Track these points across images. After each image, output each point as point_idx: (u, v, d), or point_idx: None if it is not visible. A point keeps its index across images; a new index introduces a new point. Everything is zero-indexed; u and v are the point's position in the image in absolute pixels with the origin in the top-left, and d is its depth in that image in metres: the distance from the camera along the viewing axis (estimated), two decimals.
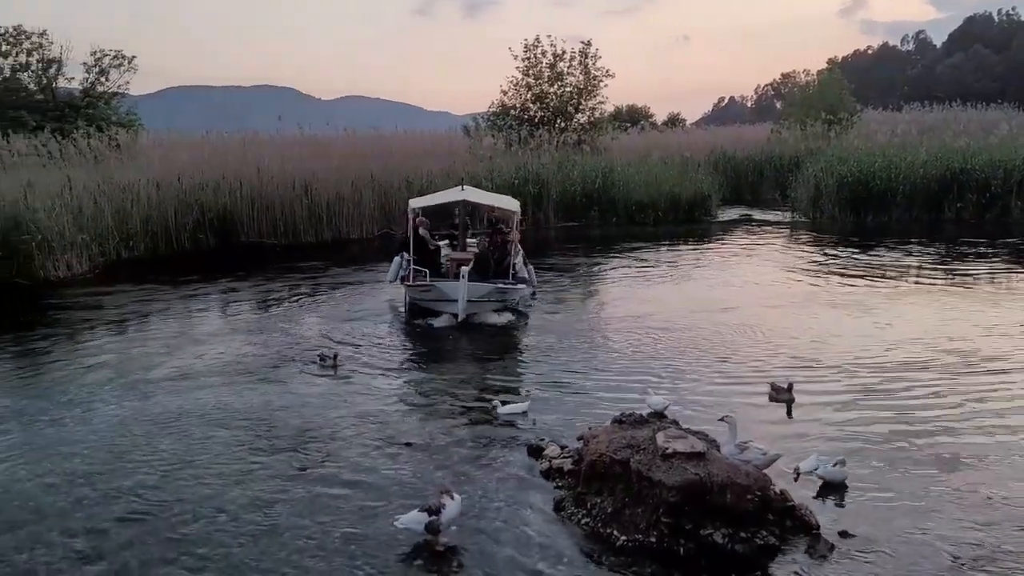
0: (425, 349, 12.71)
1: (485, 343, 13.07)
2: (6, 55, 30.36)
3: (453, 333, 13.50)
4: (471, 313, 13.86)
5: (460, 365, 11.78)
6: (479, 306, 14.12)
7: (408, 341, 13.17)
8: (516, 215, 15.04)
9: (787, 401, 9.58)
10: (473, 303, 13.88)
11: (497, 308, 14.44)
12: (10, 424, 9.34)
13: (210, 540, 6.55)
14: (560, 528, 6.78)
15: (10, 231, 18.16)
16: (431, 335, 13.45)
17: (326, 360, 11.47)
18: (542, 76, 34.05)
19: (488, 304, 14.30)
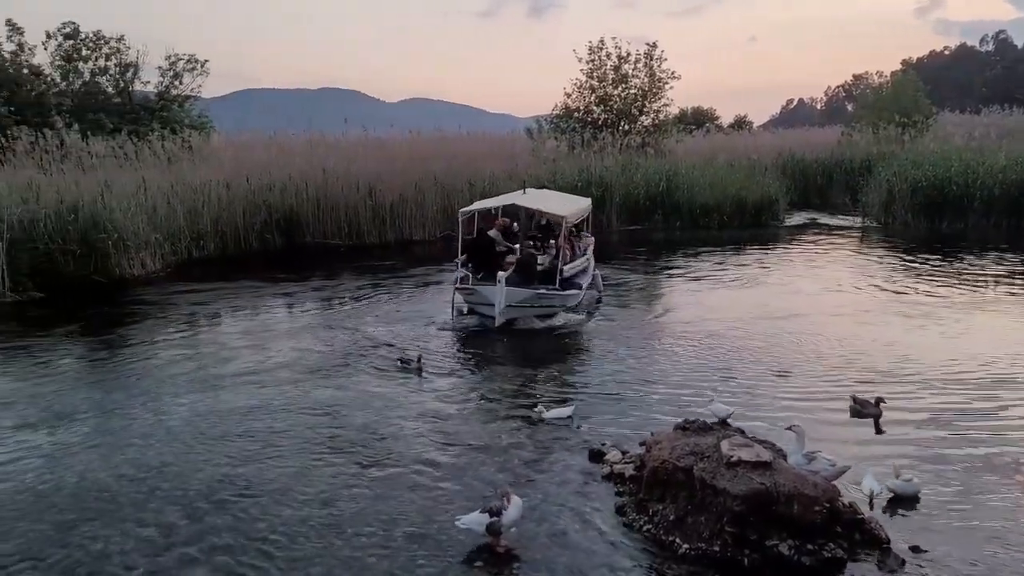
0: (485, 351, 12.71)
1: (546, 346, 13.03)
2: (86, 60, 31.34)
3: (513, 336, 13.50)
4: (512, 318, 13.79)
5: (520, 368, 11.75)
6: (520, 311, 13.97)
7: (468, 343, 13.19)
8: (567, 220, 14.70)
9: (874, 416, 9.25)
10: (513, 308, 13.78)
11: (541, 314, 14.23)
12: (88, 416, 9.64)
13: (276, 533, 6.67)
14: (621, 533, 6.71)
15: (89, 230, 18.77)
16: (491, 337, 13.44)
17: (409, 363, 11.51)
18: (606, 78, 33.90)
19: (530, 310, 14.12)
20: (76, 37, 30.90)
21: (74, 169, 22.04)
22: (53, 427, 9.27)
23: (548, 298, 14.23)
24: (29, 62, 29.88)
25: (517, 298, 13.80)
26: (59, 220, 18.56)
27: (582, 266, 15.65)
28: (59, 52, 30.70)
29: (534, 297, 14.05)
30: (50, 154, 22.92)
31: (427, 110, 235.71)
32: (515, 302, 13.79)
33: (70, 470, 8.01)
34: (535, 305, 14.17)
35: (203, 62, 33.17)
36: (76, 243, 18.61)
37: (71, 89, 30.90)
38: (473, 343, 13.13)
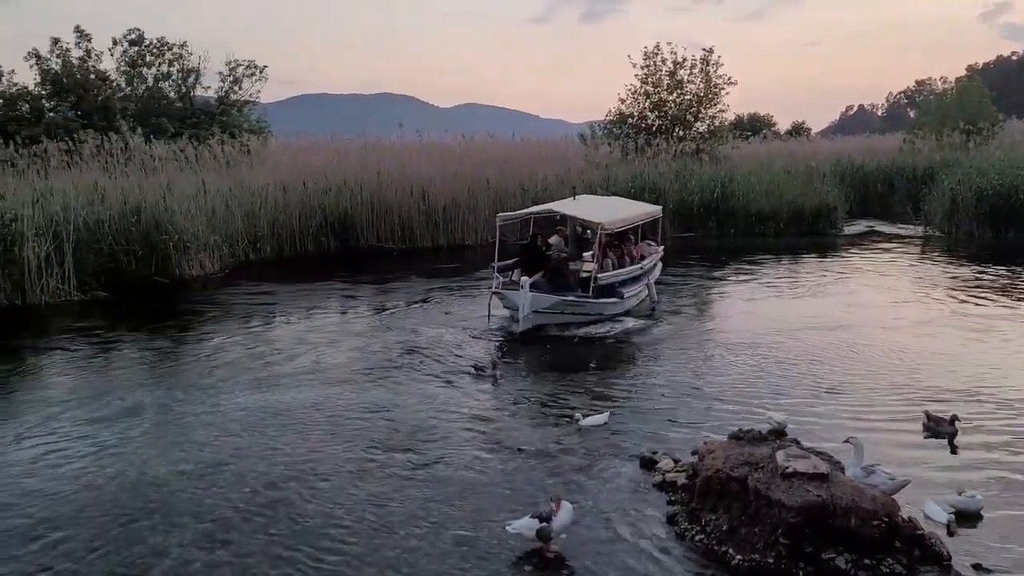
0: (537, 356, 12.69)
1: (596, 353, 12.95)
2: (150, 66, 32.25)
3: (561, 342, 13.43)
4: (540, 324, 13.69)
5: (571, 373, 11.69)
6: (548, 318, 13.84)
7: (519, 347, 13.16)
8: (603, 226, 14.36)
9: (949, 435, 8.94)
10: (540, 314, 13.66)
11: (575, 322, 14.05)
12: (149, 413, 9.88)
13: (328, 533, 6.74)
14: (673, 543, 6.62)
15: (151, 231, 19.26)
16: (539, 343, 13.42)
17: (484, 371, 11.51)
18: (661, 84, 33.71)
19: (559, 317, 13.96)
20: (141, 43, 31.80)
21: (137, 172, 22.65)
22: (116, 423, 9.51)
23: (578, 306, 14.03)
24: (96, 68, 30.81)
25: (542, 304, 13.67)
26: (123, 221, 19.09)
27: (631, 274, 15.37)
28: (124, 58, 31.64)
29: (561, 304, 13.88)
30: (115, 157, 23.60)
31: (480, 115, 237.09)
32: (541, 308, 13.66)
33: (132, 465, 8.21)
34: (564, 312, 13.99)
35: (262, 68, 33.91)
36: (138, 244, 19.11)
37: (135, 94, 31.81)
38: (523, 348, 13.11)
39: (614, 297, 14.54)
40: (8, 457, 8.51)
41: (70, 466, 8.23)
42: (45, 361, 12.73)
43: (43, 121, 28.21)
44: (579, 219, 15.15)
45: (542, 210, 15.92)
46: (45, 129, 27.26)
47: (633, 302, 15.29)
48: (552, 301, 13.78)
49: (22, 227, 16.47)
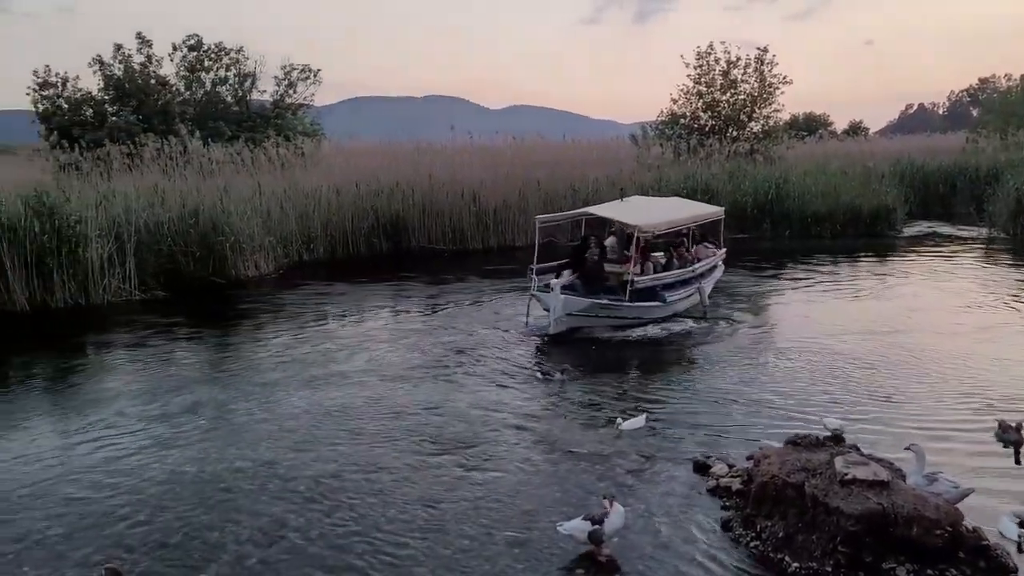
0: (587, 357, 12.61)
1: (650, 355, 12.86)
2: (208, 70, 32.95)
3: (611, 345, 13.35)
4: (575, 327, 13.55)
5: (623, 376, 11.62)
6: (582, 321, 13.67)
7: (572, 349, 13.09)
8: (640, 229, 14.07)
9: (1015, 443, 8.68)
10: (574, 317, 13.51)
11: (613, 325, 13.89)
12: (206, 412, 10.07)
13: (381, 532, 6.78)
14: (727, 548, 6.53)
15: (208, 233, 19.66)
16: (590, 343, 13.35)
17: (551, 374, 11.47)
18: (714, 84, 33.32)
19: (594, 320, 13.78)
20: (199, 49, 32.50)
21: (195, 174, 23.11)
22: (175, 420, 9.72)
23: (613, 309, 13.84)
24: (156, 73, 31.55)
25: (575, 307, 13.50)
26: (181, 223, 19.51)
27: (679, 277, 15.06)
28: (184, 63, 32.37)
29: (595, 307, 13.70)
30: (174, 160, 24.12)
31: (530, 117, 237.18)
32: (574, 311, 13.50)
33: (190, 462, 8.37)
34: (599, 315, 13.81)
35: (316, 71, 34.39)
36: (196, 245, 19.52)
37: (194, 98, 32.50)
38: (571, 350, 13.04)
39: (656, 301, 14.29)
40: (72, 453, 8.74)
41: (131, 462, 8.42)
42: (108, 359, 13.07)
43: (106, 125, 28.99)
44: (616, 221, 14.99)
45: (580, 213, 15.94)
46: (108, 133, 28.03)
47: (682, 306, 15.03)
48: (584, 304, 13.61)
49: (86, 229, 16.93)
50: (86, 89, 30.50)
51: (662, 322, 14.37)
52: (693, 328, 14.30)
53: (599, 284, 14.31)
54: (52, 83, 29.75)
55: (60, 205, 16.92)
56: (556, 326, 13.41)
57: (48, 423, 9.81)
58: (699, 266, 15.75)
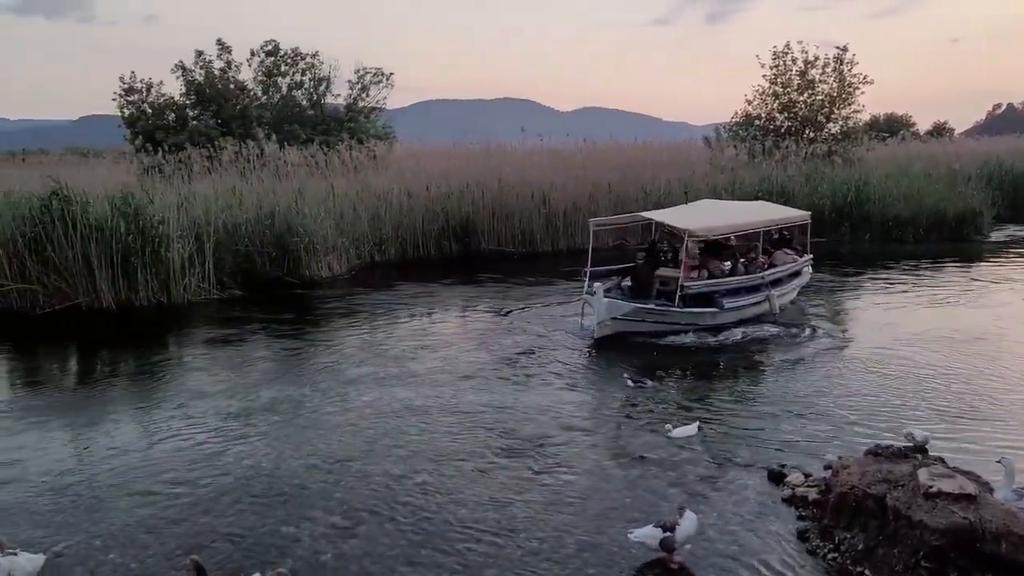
0: (665, 363, 12.41)
1: (723, 361, 12.62)
2: (284, 75, 33.65)
3: (680, 350, 13.13)
4: (619, 331, 13.33)
5: (698, 381, 11.42)
6: (627, 325, 13.42)
7: (645, 353, 12.93)
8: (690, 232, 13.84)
9: None
10: (619, 321, 13.29)
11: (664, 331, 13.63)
12: (281, 408, 10.28)
13: (451, 532, 6.81)
14: (803, 560, 6.36)
15: (283, 234, 20.08)
16: (670, 349, 13.16)
17: (639, 383, 11.26)
18: (791, 84, 32.58)
19: (641, 324, 13.52)
20: (276, 54, 33.21)
21: (271, 177, 23.65)
22: (252, 416, 9.94)
23: (660, 314, 13.57)
24: (235, 78, 32.38)
25: (618, 311, 13.31)
26: (258, 224, 19.96)
27: (743, 283, 14.62)
28: (261, 68, 33.12)
29: (640, 311, 13.47)
30: (251, 163, 24.72)
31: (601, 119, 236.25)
32: (618, 315, 13.30)
33: (266, 457, 8.55)
34: (646, 320, 13.56)
35: (388, 75, 34.78)
36: (272, 246, 19.96)
37: (270, 102, 33.23)
38: (651, 354, 12.87)
39: (712, 307, 13.93)
40: (155, 446, 9.02)
41: (210, 456, 8.64)
42: (188, 356, 13.44)
43: (187, 129, 29.88)
44: (667, 225, 14.74)
45: (632, 217, 15.95)
46: (189, 137, 28.89)
47: (748, 312, 14.58)
48: (628, 308, 13.41)
49: (168, 229, 17.45)
50: (169, 94, 31.51)
51: (733, 328, 14.06)
52: (768, 334, 13.96)
53: (647, 288, 14.10)
54: (137, 89, 30.79)
55: (144, 206, 17.48)
56: (600, 330, 13.30)
57: (132, 417, 10.14)
58: (770, 272, 15.27)
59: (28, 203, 16.95)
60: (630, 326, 13.51)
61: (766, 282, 14.86)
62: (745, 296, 14.56)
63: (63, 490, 7.82)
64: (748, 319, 14.54)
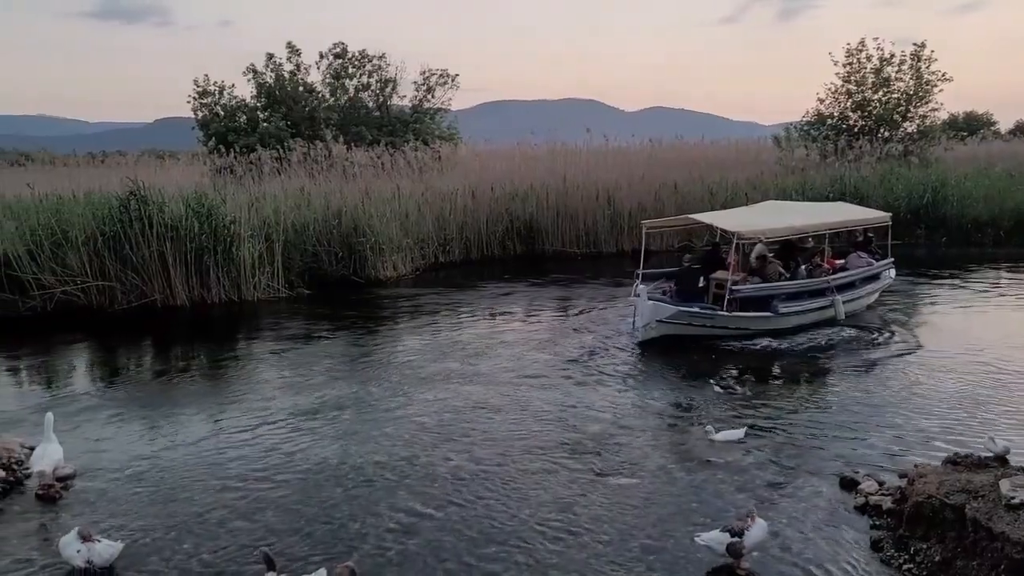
0: (733, 365, 12.22)
1: (795, 364, 12.36)
2: (351, 77, 34.14)
3: (744, 354, 12.90)
4: (670, 335, 13.08)
5: (768, 385, 11.21)
6: (675, 329, 13.12)
7: (710, 356, 12.74)
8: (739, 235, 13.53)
9: None
10: (664, 324, 13.02)
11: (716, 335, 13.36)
12: (347, 406, 10.42)
13: (514, 533, 6.80)
14: (876, 570, 6.18)
15: (350, 234, 20.39)
16: (738, 352, 12.94)
17: (728, 388, 11.01)
18: (865, 82, 31.72)
19: (688, 328, 13.21)
20: (344, 56, 33.71)
21: (339, 178, 24.01)
22: (319, 413, 10.10)
23: (707, 318, 13.25)
24: (304, 80, 33.00)
25: (663, 314, 13.02)
26: (325, 224, 20.28)
27: (803, 287, 14.21)
28: (329, 70, 33.66)
29: (685, 315, 13.16)
30: (319, 164, 25.15)
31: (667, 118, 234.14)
32: (663, 318, 13.02)
33: (333, 454, 8.68)
34: (691, 324, 13.25)
35: (453, 76, 35.01)
36: (338, 246, 20.27)
37: (338, 104, 33.73)
38: (716, 356, 12.67)
39: (767, 312, 13.53)
40: (226, 441, 9.23)
41: (279, 452, 8.81)
42: (258, 352, 13.74)
43: (258, 131, 30.56)
44: (717, 228, 14.41)
45: (684, 218, 15.94)
46: (259, 138, 29.54)
47: (809, 318, 14.14)
48: (671, 311, 13.11)
49: (239, 229, 17.87)
50: (240, 97, 32.29)
51: (800, 332, 13.74)
52: (839, 339, 13.61)
53: (693, 292, 13.87)
54: (210, 92, 31.61)
55: (217, 206, 17.93)
56: (645, 332, 13.15)
57: (205, 412, 10.39)
58: (839, 276, 14.83)
59: (107, 203, 17.55)
60: (679, 329, 13.25)
61: (831, 286, 14.37)
62: (807, 301, 14.15)
63: (140, 481, 8.05)
64: (813, 324, 14.13)
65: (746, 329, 13.57)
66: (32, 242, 16.59)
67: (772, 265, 14.40)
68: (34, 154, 33.31)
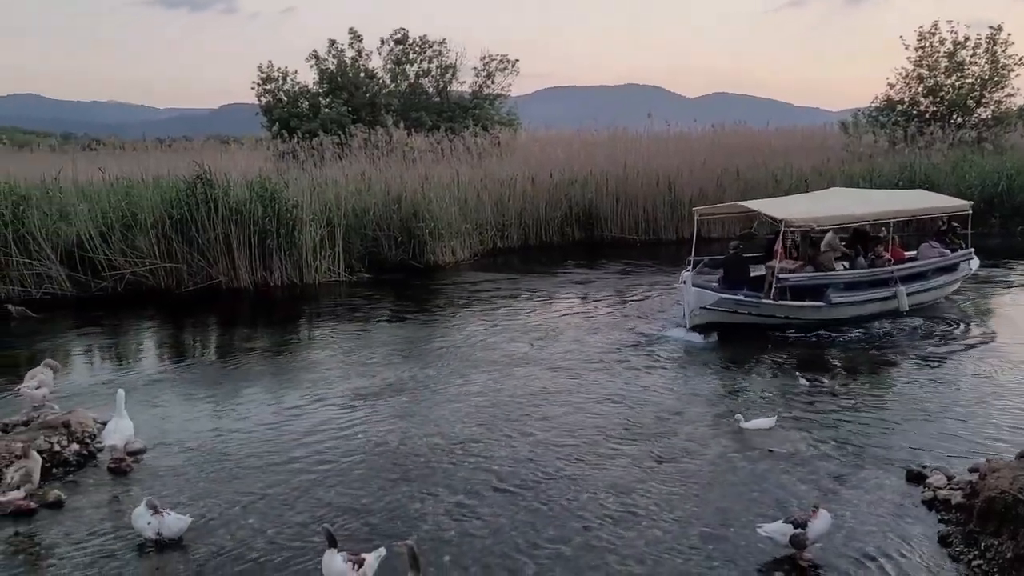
0: (790, 355, 11.99)
1: (858, 355, 12.07)
2: (412, 63, 34.32)
3: (810, 343, 12.67)
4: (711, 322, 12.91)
5: (830, 375, 10.92)
6: (722, 316, 12.93)
7: (767, 345, 12.50)
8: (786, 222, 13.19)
9: None
10: (712, 312, 12.83)
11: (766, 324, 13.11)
12: (406, 389, 10.53)
13: (572, 517, 6.79)
14: (945, 566, 6.01)
15: (409, 219, 20.53)
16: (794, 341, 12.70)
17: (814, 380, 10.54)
18: (938, 67, 30.69)
19: (734, 316, 13.00)
20: (405, 42, 33.89)
21: (399, 163, 24.13)
22: (378, 395, 10.22)
23: (753, 306, 12.99)
24: (365, 66, 33.27)
25: (707, 301, 12.83)
26: (385, 209, 20.46)
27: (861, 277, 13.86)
28: (390, 56, 33.88)
29: (726, 302, 12.94)
30: (379, 149, 25.33)
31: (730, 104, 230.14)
32: (707, 305, 12.83)
33: (392, 435, 8.77)
34: (738, 311, 13.02)
35: (513, 62, 34.93)
36: (398, 230, 20.43)
37: (398, 90, 33.95)
38: (779, 345, 12.44)
39: (819, 301, 13.21)
40: (288, 419, 9.40)
41: (340, 432, 8.94)
42: (318, 334, 13.97)
43: (319, 117, 30.93)
44: (764, 215, 14.11)
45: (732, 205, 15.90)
46: (321, 124, 29.90)
47: (869, 308, 13.75)
48: (714, 299, 12.93)
49: (301, 213, 18.13)
50: (303, 83, 32.71)
51: (865, 322, 13.42)
52: (906, 330, 13.22)
53: (741, 279, 13.65)
54: (274, 77, 32.11)
55: (280, 191, 18.21)
56: (691, 319, 12.98)
57: (268, 391, 10.61)
58: (903, 267, 14.32)
59: (175, 187, 17.96)
60: (726, 317, 13.08)
61: (894, 277, 13.94)
62: (866, 291, 13.78)
63: (206, 457, 8.26)
64: (875, 315, 13.75)
65: (796, 319, 13.32)
66: (104, 224, 17.10)
67: (826, 254, 14.07)
68: (105, 139, 34.29)
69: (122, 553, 6.30)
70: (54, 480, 7.65)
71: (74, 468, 8.00)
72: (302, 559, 6.13)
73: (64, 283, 16.82)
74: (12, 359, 12.21)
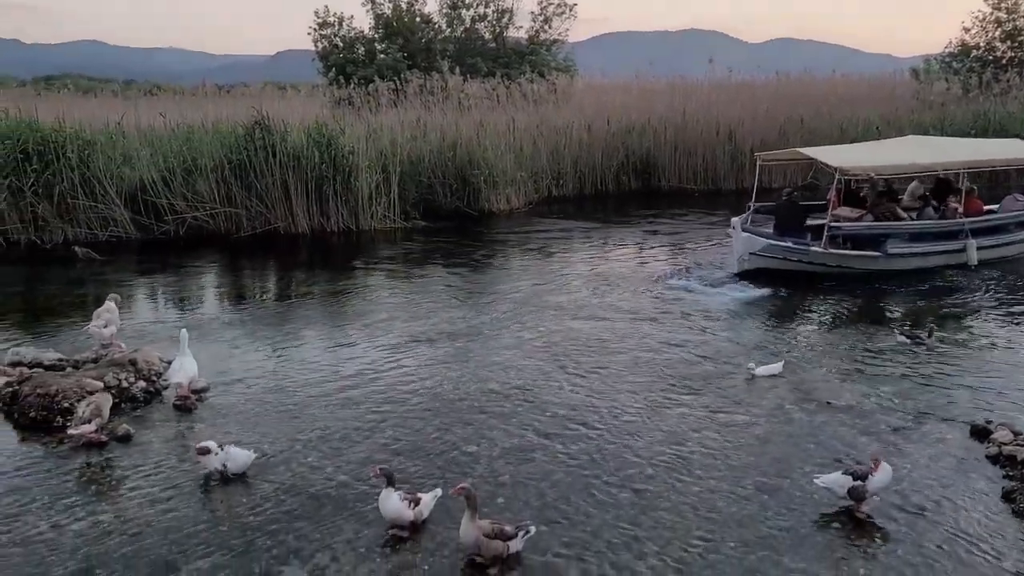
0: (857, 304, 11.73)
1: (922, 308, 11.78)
2: (468, 7, 33.92)
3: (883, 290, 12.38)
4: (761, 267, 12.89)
5: (893, 326, 10.63)
6: (772, 262, 12.87)
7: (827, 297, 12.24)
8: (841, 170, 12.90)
9: None
10: (761, 257, 12.80)
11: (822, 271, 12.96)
12: (461, 334, 10.58)
13: (625, 464, 6.79)
14: (1008, 521, 5.88)
15: (464, 166, 20.46)
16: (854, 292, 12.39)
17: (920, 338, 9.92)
18: (1017, 10, 29.28)
19: (785, 263, 12.90)
20: None
21: (454, 110, 23.98)
22: (433, 341, 10.30)
23: (801, 253, 12.84)
24: (421, 11, 32.99)
25: (755, 247, 12.77)
26: (440, 156, 20.43)
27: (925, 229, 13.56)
28: (446, 1, 33.50)
29: (774, 248, 12.82)
30: (435, 96, 25.20)
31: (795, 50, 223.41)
32: (756, 250, 12.77)
33: (447, 379, 8.85)
34: (788, 258, 12.88)
35: (571, 6, 34.31)
36: (453, 178, 20.41)
37: (454, 35, 33.63)
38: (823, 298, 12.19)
39: (875, 251, 13.01)
40: (345, 362, 9.54)
41: (396, 375, 9.04)
42: (374, 280, 14.10)
43: (375, 62, 30.84)
44: (820, 162, 13.75)
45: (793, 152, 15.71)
46: (376, 70, 29.82)
47: (932, 261, 13.39)
48: (762, 244, 12.85)
49: (358, 159, 18.19)
50: (359, 28, 32.58)
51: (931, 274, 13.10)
52: (975, 284, 12.81)
53: (794, 226, 13.48)
54: (330, 23, 32.06)
55: (336, 137, 18.26)
56: (739, 264, 13.03)
57: (325, 334, 10.78)
58: (976, 220, 13.84)
59: (233, 133, 18.15)
60: (776, 263, 13.00)
61: (965, 229, 13.52)
62: (931, 243, 13.46)
63: (267, 396, 8.44)
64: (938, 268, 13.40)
65: (849, 268, 13.13)
66: (166, 169, 17.39)
67: (887, 204, 13.71)
68: (165, 85, 34.75)
69: (188, 485, 6.51)
70: (123, 415, 7.90)
71: (141, 404, 8.25)
72: (360, 496, 6.25)
73: (128, 226, 17.23)
74: (80, 299, 12.60)
